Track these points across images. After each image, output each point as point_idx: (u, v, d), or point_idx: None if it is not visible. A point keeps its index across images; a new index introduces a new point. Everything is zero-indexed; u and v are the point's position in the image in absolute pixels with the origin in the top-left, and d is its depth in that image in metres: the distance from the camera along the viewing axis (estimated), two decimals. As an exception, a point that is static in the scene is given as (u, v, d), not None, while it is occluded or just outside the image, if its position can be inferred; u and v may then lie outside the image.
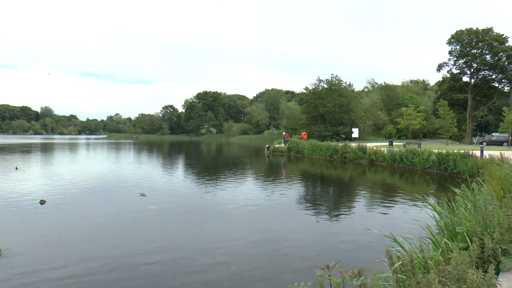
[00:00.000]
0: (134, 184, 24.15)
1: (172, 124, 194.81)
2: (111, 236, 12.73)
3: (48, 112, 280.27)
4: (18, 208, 16.87)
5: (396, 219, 14.87)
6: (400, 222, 14.21)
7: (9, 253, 10.68)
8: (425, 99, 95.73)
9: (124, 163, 41.47)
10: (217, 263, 10.05)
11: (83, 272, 9.52)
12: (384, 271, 5.63)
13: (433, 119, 77.41)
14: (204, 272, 9.45)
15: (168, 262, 10.11)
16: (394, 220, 14.71)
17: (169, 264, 10.00)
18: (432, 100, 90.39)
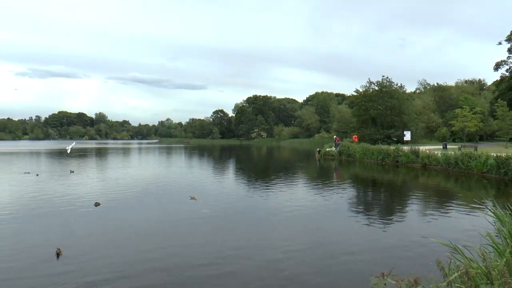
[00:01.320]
0: (185, 187, 24.46)
1: (223, 129, 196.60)
2: (164, 238, 12.92)
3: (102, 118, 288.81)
4: (74, 210, 17.52)
5: (452, 226, 14.35)
6: (457, 229, 13.70)
7: (69, 253, 11.10)
8: (481, 99, 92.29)
9: (175, 167, 42.08)
10: (269, 267, 10.01)
11: (137, 272, 9.73)
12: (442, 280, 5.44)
13: (491, 121, 74.71)
14: (256, 275, 9.44)
15: (219, 265, 10.14)
16: (450, 227, 14.20)
17: (220, 267, 10.03)
18: (489, 100, 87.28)
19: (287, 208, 17.67)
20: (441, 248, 8.61)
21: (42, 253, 11.23)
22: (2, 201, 19.97)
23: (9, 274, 9.69)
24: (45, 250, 11.47)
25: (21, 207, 18.48)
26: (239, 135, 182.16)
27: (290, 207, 17.88)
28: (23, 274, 9.68)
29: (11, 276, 9.57)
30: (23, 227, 14.63)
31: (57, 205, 18.82)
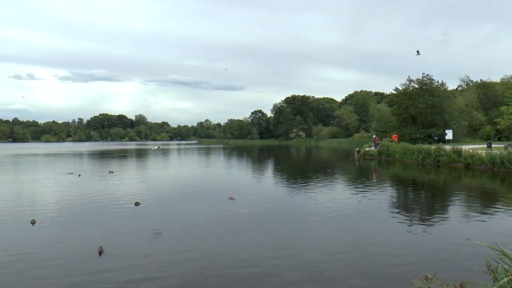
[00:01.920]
0: (224, 188, 24.55)
1: (261, 129, 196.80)
2: (202, 238, 12.97)
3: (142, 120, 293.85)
4: (115, 210, 17.93)
5: (498, 228, 13.84)
6: (503, 232, 13.24)
7: (111, 251, 11.36)
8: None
9: (214, 168, 42.40)
10: (308, 268, 9.91)
11: (175, 270, 9.79)
12: (489, 284, 5.23)
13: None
14: (294, 276, 9.36)
15: (257, 265, 10.12)
16: (496, 229, 13.70)
17: (258, 267, 10.01)
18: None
19: (326, 209, 17.50)
20: (486, 251, 8.34)
21: (86, 251, 11.49)
22: (48, 201, 20.58)
23: (54, 271, 9.94)
24: (88, 248, 11.73)
25: (65, 206, 18.99)
26: (277, 136, 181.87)
27: (329, 208, 17.70)
28: (67, 271, 9.92)
29: (56, 273, 9.80)
30: (67, 226, 15.03)
31: (99, 204, 19.27)
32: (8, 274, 9.85)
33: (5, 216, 16.70)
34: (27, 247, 12.16)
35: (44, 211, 17.78)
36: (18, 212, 17.49)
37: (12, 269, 10.18)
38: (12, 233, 13.96)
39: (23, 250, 11.81)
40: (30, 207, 18.73)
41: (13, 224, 15.23)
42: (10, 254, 11.43)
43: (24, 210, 17.90)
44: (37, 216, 16.12)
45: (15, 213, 17.42)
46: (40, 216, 16.41)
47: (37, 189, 25.85)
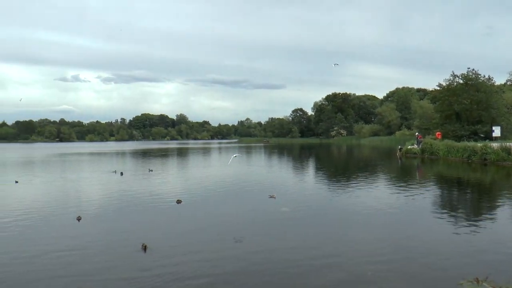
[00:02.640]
0: (265, 186, 24.52)
1: (302, 127, 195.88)
2: (243, 235, 12.94)
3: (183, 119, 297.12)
4: (157, 207, 18.21)
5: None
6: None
7: (154, 248, 11.50)
8: None
9: (255, 166, 42.47)
10: (350, 269, 9.76)
11: (216, 269, 9.83)
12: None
13: None
14: (337, 277, 9.23)
15: (299, 265, 9.99)
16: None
17: (299, 266, 9.89)
18: None
19: (367, 208, 17.20)
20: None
21: (130, 247, 11.70)
22: (92, 198, 21.19)
23: (101, 267, 10.16)
24: (132, 244, 11.94)
25: (109, 203, 19.48)
26: (318, 134, 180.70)
27: (371, 207, 17.39)
28: (113, 267, 10.16)
29: (103, 269, 10.01)
30: (111, 222, 15.43)
31: (141, 202, 19.63)
32: (58, 270, 10.09)
33: (53, 213, 17.22)
34: (74, 242, 12.48)
35: (89, 208, 18.27)
36: (64, 209, 18.01)
37: (61, 264, 10.43)
38: (59, 229, 14.37)
39: (70, 246, 12.11)
40: (75, 204, 19.28)
41: (60, 221, 15.70)
42: (59, 250, 11.73)
43: (70, 207, 18.42)
44: (82, 213, 16.53)
45: (62, 209, 17.94)
46: (85, 212, 16.84)
47: (82, 186, 26.63)
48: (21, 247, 12.07)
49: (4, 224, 15.19)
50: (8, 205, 19.50)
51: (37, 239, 13.03)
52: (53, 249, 11.83)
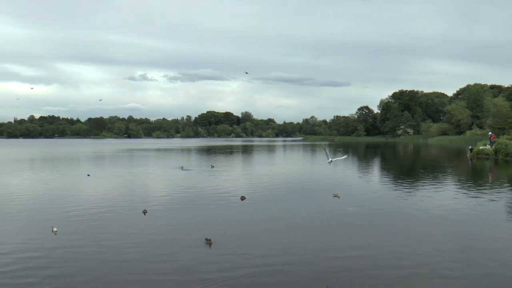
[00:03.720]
0: (329, 185, 24.33)
1: (368, 126, 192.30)
2: (306, 234, 12.96)
3: (248, 117, 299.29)
4: (222, 203, 18.48)
5: None
6: None
7: (219, 243, 11.75)
8: None
9: (319, 165, 42.15)
10: (416, 272, 9.49)
11: (277, 264, 9.89)
12: None
13: None
14: (400, 278, 9.01)
15: (363, 265, 9.84)
16: None
17: (363, 267, 9.74)
18: None
19: (434, 211, 16.60)
20: None
21: (194, 242, 11.96)
22: (158, 193, 21.79)
23: (165, 260, 10.46)
24: (197, 239, 12.21)
25: (174, 198, 20.09)
26: (384, 132, 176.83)
27: (438, 210, 16.75)
28: (176, 261, 10.41)
29: (167, 262, 10.31)
30: (176, 216, 15.82)
31: (205, 198, 20.04)
32: (127, 260, 10.48)
33: (120, 206, 17.91)
34: (140, 235, 12.92)
35: (155, 202, 18.86)
36: (131, 202, 18.72)
37: (127, 255, 10.82)
38: (126, 221, 14.92)
39: (136, 238, 12.55)
40: (142, 198, 20.00)
41: (127, 213, 16.30)
42: (125, 241, 12.18)
43: (137, 201, 19.12)
44: (148, 207, 17.03)
45: (129, 203, 18.66)
46: (151, 206, 17.36)
47: (148, 181, 27.69)
48: (91, 237, 12.64)
49: (77, 214, 15.96)
50: (80, 197, 20.59)
51: (105, 230, 13.58)
52: (120, 240, 12.29)
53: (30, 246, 11.74)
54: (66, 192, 22.45)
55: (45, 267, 9.95)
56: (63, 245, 11.75)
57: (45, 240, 12.36)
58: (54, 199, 19.83)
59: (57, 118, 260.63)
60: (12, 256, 10.75)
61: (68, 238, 12.54)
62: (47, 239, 12.47)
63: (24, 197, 20.62)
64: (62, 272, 9.61)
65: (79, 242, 12.11)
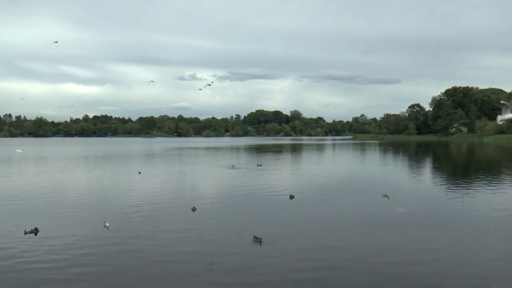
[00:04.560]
0: (378, 185, 23.91)
1: (419, 124, 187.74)
2: (355, 234, 12.82)
3: (297, 116, 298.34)
4: (271, 201, 18.53)
5: None
6: None
7: (268, 241, 11.76)
8: None
9: (368, 164, 41.50)
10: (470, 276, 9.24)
11: (324, 264, 9.83)
12: None
13: None
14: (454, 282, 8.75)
15: (414, 266, 9.64)
16: None
17: (413, 268, 9.53)
18: None
19: (489, 214, 15.99)
20: None
21: (243, 239, 12.09)
22: (206, 191, 22.18)
23: (214, 256, 10.60)
24: (245, 236, 12.31)
25: (222, 196, 20.30)
26: (436, 131, 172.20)
27: (493, 213, 16.12)
28: (225, 256, 10.57)
29: (216, 257, 10.46)
30: (225, 214, 15.96)
31: (254, 196, 20.17)
32: (176, 254, 10.80)
33: (170, 202, 18.29)
34: (189, 231, 13.11)
35: (204, 199, 19.15)
36: (181, 199, 19.07)
37: (178, 251, 11.05)
38: (176, 218, 15.19)
39: (185, 235, 12.76)
40: (191, 195, 20.36)
41: (177, 210, 16.61)
42: (175, 238, 12.38)
43: (186, 198, 19.44)
44: (197, 204, 17.25)
45: (179, 200, 19.01)
46: (200, 204, 17.59)
47: (197, 179, 28.11)
48: (142, 233, 12.94)
49: (128, 211, 16.42)
50: (132, 194, 21.08)
51: (155, 226, 13.85)
52: (168, 237, 12.50)
53: (84, 240, 12.15)
54: (119, 189, 23.19)
55: (97, 261, 10.27)
56: (115, 240, 12.12)
57: (98, 234, 12.78)
58: (107, 196, 20.50)
59: (109, 118, 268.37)
60: (66, 250, 11.15)
61: (119, 233, 12.91)
62: (100, 234, 12.88)
63: (79, 193, 21.40)
64: (113, 267, 9.90)
65: (130, 237, 12.42)
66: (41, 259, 10.45)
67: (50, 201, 19.01)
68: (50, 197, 19.98)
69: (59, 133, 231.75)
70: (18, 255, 10.78)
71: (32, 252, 10.98)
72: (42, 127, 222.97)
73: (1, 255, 10.81)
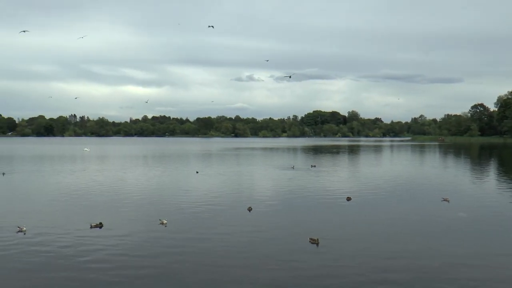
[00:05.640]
0: (437, 188, 23.21)
1: (482, 125, 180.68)
2: (414, 239, 12.48)
3: (355, 116, 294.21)
4: (327, 203, 18.43)
5: None
6: None
7: (325, 244, 11.62)
8: None
9: (427, 166, 40.41)
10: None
11: (382, 269, 9.60)
12: None
13: None
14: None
15: (477, 272, 9.34)
16: None
17: (475, 275, 9.22)
18: None
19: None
20: None
21: (299, 240, 12.06)
22: (262, 191, 22.33)
23: (270, 258, 10.60)
24: (300, 239, 12.22)
25: (278, 196, 20.35)
26: (502, 132, 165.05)
27: None
28: (282, 257, 10.60)
29: (272, 259, 10.48)
30: (280, 215, 16.01)
31: (310, 197, 20.09)
32: (232, 253, 10.93)
33: (226, 202, 18.56)
34: (244, 231, 13.24)
35: (260, 199, 19.28)
36: (237, 199, 19.31)
37: (234, 250, 11.21)
38: (232, 217, 15.39)
39: (241, 234, 12.91)
40: (247, 195, 20.56)
41: (233, 210, 16.81)
42: (231, 237, 12.55)
43: (242, 198, 19.64)
44: (253, 204, 17.41)
45: (235, 200, 19.25)
46: (256, 204, 17.74)
47: (254, 179, 28.40)
48: (198, 231, 13.27)
49: (185, 209, 16.81)
50: (189, 193, 21.66)
51: (211, 225, 14.12)
52: (223, 236, 12.63)
53: (143, 235, 12.69)
54: (177, 187, 23.78)
55: (154, 257, 10.63)
56: (172, 237, 12.49)
57: (156, 231, 13.22)
58: (166, 194, 21.18)
59: (167, 118, 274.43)
60: (127, 244, 11.70)
61: (176, 231, 13.26)
62: (158, 230, 13.31)
63: (139, 190, 22.19)
64: (169, 265, 10.15)
65: (187, 236, 12.69)
66: (105, 250, 11.15)
67: (113, 197, 19.93)
68: (113, 194, 21.00)
69: (120, 132, 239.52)
70: (84, 247, 11.46)
71: (97, 245, 11.66)
72: (103, 127, 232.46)
73: (71, 245, 11.57)
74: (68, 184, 24.92)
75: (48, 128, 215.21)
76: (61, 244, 11.69)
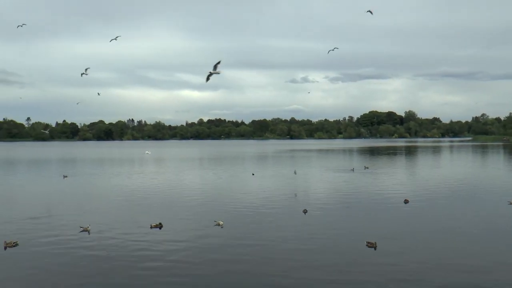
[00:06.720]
0: (503, 191, 22.14)
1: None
2: (479, 246, 11.94)
3: (412, 116, 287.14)
4: (384, 206, 18.10)
5: None
6: None
7: (383, 249, 11.36)
8: None
9: (491, 168, 38.76)
10: None
11: (445, 280, 9.24)
12: None
13: None
14: None
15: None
16: None
17: None
18: None
19: None
20: None
21: (356, 245, 11.83)
22: (318, 193, 22.28)
23: (325, 263, 10.45)
24: (356, 241, 12.08)
25: (335, 199, 20.19)
26: None
27: None
28: (341, 262, 10.49)
29: (330, 262, 10.42)
30: (336, 217, 15.91)
31: (367, 199, 19.81)
32: (288, 256, 10.82)
33: (282, 204, 18.62)
34: (299, 234, 13.17)
35: (315, 201, 19.21)
36: (293, 201, 19.43)
37: (289, 253, 11.14)
38: (287, 220, 15.36)
39: (294, 236, 12.88)
40: (303, 197, 20.62)
41: (288, 212, 16.79)
42: (287, 240, 12.48)
43: (298, 200, 19.72)
44: (309, 206, 17.26)
45: (290, 202, 19.34)
46: (312, 206, 17.61)
47: (309, 181, 28.30)
48: (254, 232, 13.37)
49: (241, 210, 17.06)
50: (246, 194, 21.94)
51: (267, 228, 14.11)
52: (281, 239, 12.59)
53: (200, 236, 12.96)
54: (233, 189, 24.15)
55: (211, 257, 10.81)
56: (229, 238, 12.67)
57: (213, 232, 13.41)
58: (222, 195, 21.50)
59: (223, 121, 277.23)
60: (185, 244, 12.03)
61: (233, 232, 13.38)
62: (215, 232, 13.49)
63: (196, 192, 22.77)
64: (227, 265, 10.25)
65: (243, 238, 12.77)
66: (165, 250, 11.52)
67: (172, 198, 20.54)
68: (171, 195, 21.68)
69: (176, 136, 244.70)
70: (146, 245, 11.99)
71: (158, 244, 12.12)
72: (160, 131, 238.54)
73: (133, 244, 12.11)
74: (129, 185, 25.95)
75: (107, 132, 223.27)
76: (124, 243, 12.18)
